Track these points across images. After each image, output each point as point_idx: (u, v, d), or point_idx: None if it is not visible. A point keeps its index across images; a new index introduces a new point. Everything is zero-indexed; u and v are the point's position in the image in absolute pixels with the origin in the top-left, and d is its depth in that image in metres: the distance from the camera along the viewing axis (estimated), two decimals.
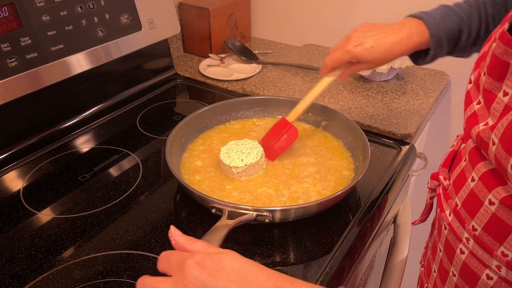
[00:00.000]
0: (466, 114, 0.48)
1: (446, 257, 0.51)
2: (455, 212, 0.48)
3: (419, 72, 1.05)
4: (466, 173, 0.48)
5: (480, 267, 0.45)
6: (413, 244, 0.83)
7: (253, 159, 0.68)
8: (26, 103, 0.76)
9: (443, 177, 0.54)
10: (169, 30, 1.00)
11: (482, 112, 0.45)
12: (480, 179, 0.44)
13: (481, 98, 0.45)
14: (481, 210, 0.44)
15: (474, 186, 0.45)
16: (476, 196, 0.45)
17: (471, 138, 0.47)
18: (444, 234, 0.51)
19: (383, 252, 0.83)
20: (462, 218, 0.47)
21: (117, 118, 0.91)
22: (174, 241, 0.42)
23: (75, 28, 0.79)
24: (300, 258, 0.58)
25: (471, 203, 0.46)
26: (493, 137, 0.40)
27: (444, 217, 0.50)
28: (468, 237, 0.46)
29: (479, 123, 0.44)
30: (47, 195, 0.69)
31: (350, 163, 0.72)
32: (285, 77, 1.03)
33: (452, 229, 0.49)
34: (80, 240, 0.60)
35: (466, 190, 0.47)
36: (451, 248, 0.49)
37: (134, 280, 0.54)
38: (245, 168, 0.67)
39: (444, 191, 0.53)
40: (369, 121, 0.85)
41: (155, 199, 0.68)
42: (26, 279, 0.55)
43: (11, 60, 0.70)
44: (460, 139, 0.58)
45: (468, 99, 0.49)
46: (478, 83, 0.47)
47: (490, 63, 0.43)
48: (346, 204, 0.66)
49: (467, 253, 0.47)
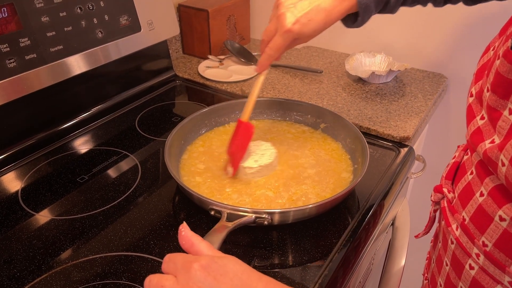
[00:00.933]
0: (470, 129, 0.47)
1: (454, 272, 0.50)
2: (462, 227, 0.48)
3: (418, 74, 1.05)
4: (473, 187, 0.47)
5: (491, 283, 0.45)
6: (412, 247, 0.83)
7: (267, 160, 0.68)
8: (25, 104, 0.76)
9: (447, 190, 0.53)
10: (168, 32, 1.00)
11: (487, 128, 0.44)
12: (489, 194, 0.44)
13: (484, 113, 0.45)
14: (492, 226, 0.43)
15: (482, 201, 0.44)
16: (485, 211, 0.44)
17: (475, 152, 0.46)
18: (451, 248, 0.50)
19: (382, 254, 0.83)
20: (471, 234, 0.46)
21: (116, 119, 0.90)
22: (183, 232, 0.42)
23: (74, 29, 0.79)
24: (298, 261, 0.58)
25: (480, 219, 0.45)
26: (502, 158, 0.39)
27: (451, 232, 0.50)
28: (478, 253, 0.45)
29: (484, 140, 0.43)
30: (46, 196, 0.69)
31: (349, 165, 0.73)
32: (284, 79, 1.03)
33: (460, 244, 0.48)
34: (79, 242, 0.60)
35: (474, 205, 0.46)
36: (459, 263, 0.49)
37: (132, 282, 0.54)
38: (259, 169, 0.67)
39: (449, 204, 0.52)
40: (368, 123, 0.85)
41: (153, 201, 0.68)
42: (24, 280, 0.54)
43: (10, 61, 0.70)
44: (462, 150, 0.57)
45: (471, 113, 0.48)
46: (480, 98, 0.46)
47: (495, 81, 0.42)
48: (345, 207, 0.66)
49: (477, 269, 0.46)
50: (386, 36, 1.10)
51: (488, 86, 0.43)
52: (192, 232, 0.42)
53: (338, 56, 1.15)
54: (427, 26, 1.04)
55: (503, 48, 0.41)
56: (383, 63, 1.05)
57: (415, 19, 1.05)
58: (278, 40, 0.62)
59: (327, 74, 1.05)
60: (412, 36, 1.07)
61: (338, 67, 1.09)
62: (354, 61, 1.05)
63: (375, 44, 1.12)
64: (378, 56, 1.06)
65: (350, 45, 1.16)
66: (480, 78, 0.48)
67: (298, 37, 0.62)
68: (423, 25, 1.04)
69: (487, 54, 0.49)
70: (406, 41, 1.08)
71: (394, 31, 1.09)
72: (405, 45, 1.09)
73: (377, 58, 1.05)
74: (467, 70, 1.03)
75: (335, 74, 1.06)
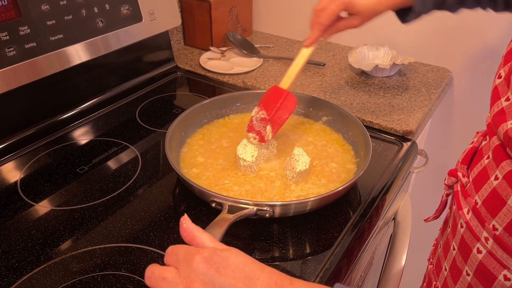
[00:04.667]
0: (493, 110, 0.46)
1: (461, 256, 0.50)
2: (474, 210, 0.47)
3: (422, 68, 1.04)
4: (488, 171, 0.46)
5: (498, 267, 0.44)
6: (413, 242, 0.83)
7: (302, 166, 0.65)
8: (24, 94, 0.75)
9: (461, 174, 0.53)
10: (170, 22, 0.99)
11: (510, 109, 0.43)
12: (504, 178, 0.43)
13: (510, 94, 0.44)
14: (504, 209, 0.43)
15: (497, 184, 0.44)
16: (499, 195, 0.43)
17: (496, 135, 0.46)
18: (460, 232, 0.50)
19: (383, 248, 0.83)
20: (482, 217, 0.46)
21: (116, 110, 0.90)
22: (185, 224, 0.41)
23: (74, 18, 0.78)
24: (300, 254, 0.57)
25: (493, 202, 0.44)
26: None
27: (462, 215, 0.49)
28: (488, 237, 0.45)
29: (507, 121, 0.43)
30: (45, 187, 0.68)
31: (351, 159, 0.72)
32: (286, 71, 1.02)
33: (470, 228, 0.48)
34: (78, 233, 0.60)
35: (488, 189, 0.45)
36: (467, 247, 0.48)
37: (132, 274, 0.53)
38: (251, 164, 0.67)
39: (463, 188, 0.51)
40: (371, 117, 0.84)
41: (154, 193, 0.67)
42: (22, 271, 0.54)
43: (9, 49, 0.69)
44: (481, 136, 0.56)
45: (496, 94, 0.47)
46: (509, 79, 0.45)
47: None
48: (346, 200, 0.66)
49: (485, 253, 0.46)
50: (390, 29, 1.09)
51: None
52: (194, 224, 0.41)
53: (341, 49, 1.14)
54: (432, 20, 1.03)
55: None
56: (387, 57, 1.04)
57: None
58: (332, 6, 0.62)
59: (330, 67, 1.04)
60: (416, 29, 1.06)
61: (341, 60, 1.08)
62: (358, 54, 1.04)
63: (379, 37, 1.10)
64: (381, 49, 1.05)
65: (353, 38, 1.15)
66: (510, 60, 0.47)
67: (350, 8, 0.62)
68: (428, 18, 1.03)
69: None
70: (410, 34, 1.07)
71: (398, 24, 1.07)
72: (409, 38, 1.07)
73: (381, 51, 1.04)
74: (472, 64, 1.02)
75: (338, 67, 1.05)
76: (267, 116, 0.69)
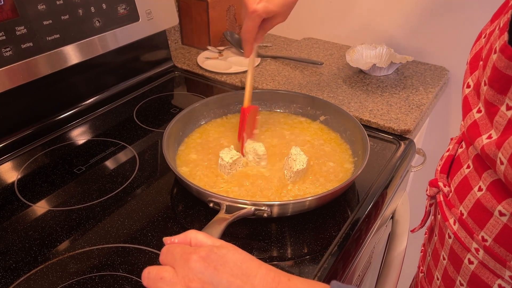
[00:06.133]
0: (466, 122, 0.46)
1: (452, 266, 0.49)
2: (460, 221, 0.47)
3: (419, 67, 1.04)
4: (470, 181, 0.46)
5: (491, 277, 0.44)
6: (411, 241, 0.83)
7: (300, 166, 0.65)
8: (21, 94, 0.75)
9: (442, 184, 0.52)
10: (167, 22, 0.98)
11: (483, 122, 0.43)
12: (488, 189, 0.43)
13: (482, 107, 0.44)
14: (491, 221, 0.42)
15: (481, 196, 0.44)
16: (484, 206, 0.43)
17: (472, 145, 0.45)
18: (449, 242, 0.50)
19: (381, 247, 0.83)
20: (469, 228, 0.46)
21: (113, 110, 0.89)
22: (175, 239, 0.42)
23: (71, 18, 0.77)
24: (298, 253, 0.57)
25: (479, 213, 0.44)
26: (500, 157, 0.39)
27: (448, 226, 0.49)
28: (478, 248, 0.45)
29: (481, 135, 0.42)
30: (42, 187, 0.68)
31: (349, 158, 0.72)
32: (284, 71, 1.02)
33: (459, 239, 0.47)
34: (75, 233, 0.60)
35: (472, 200, 0.45)
36: (458, 257, 0.48)
37: (130, 274, 0.53)
38: (225, 164, 0.66)
39: (445, 198, 0.51)
40: (369, 116, 0.84)
41: (151, 193, 0.67)
42: (19, 272, 0.54)
43: (6, 49, 0.69)
44: (456, 143, 0.56)
45: (467, 105, 0.47)
46: (478, 90, 0.45)
47: (492, 76, 0.41)
48: (344, 199, 0.66)
49: (477, 263, 0.45)
50: (388, 28, 1.09)
51: (486, 80, 0.42)
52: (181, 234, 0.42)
53: (339, 48, 1.14)
54: (429, 18, 1.03)
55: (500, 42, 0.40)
56: (385, 56, 1.04)
57: (416, 11, 1.03)
58: (247, 23, 0.64)
59: (328, 66, 1.04)
60: (413, 28, 1.06)
61: (339, 59, 1.08)
62: (355, 53, 1.04)
63: (377, 36, 1.10)
64: (379, 48, 1.05)
65: (351, 37, 1.15)
66: (475, 68, 0.47)
67: (266, 15, 0.63)
68: (425, 17, 1.03)
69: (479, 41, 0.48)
70: (407, 33, 1.07)
71: (396, 23, 1.07)
72: (407, 37, 1.07)
73: (378, 50, 1.04)
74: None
75: (336, 66, 1.05)
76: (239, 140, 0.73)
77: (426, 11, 1.03)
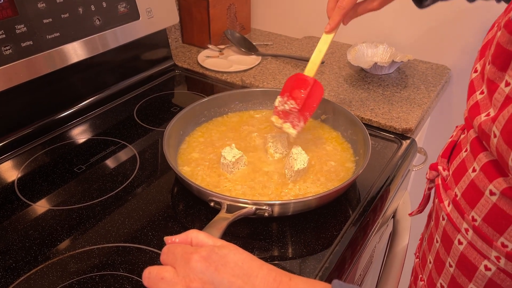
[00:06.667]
0: (469, 103, 0.47)
1: (443, 248, 0.50)
2: (454, 202, 0.48)
3: (421, 66, 1.04)
4: (466, 164, 0.47)
5: (478, 258, 0.45)
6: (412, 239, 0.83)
7: (300, 165, 0.65)
8: (21, 92, 0.75)
9: (442, 168, 0.53)
10: (168, 20, 0.98)
11: (484, 102, 0.44)
12: (481, 169, 0.44)
13: (484, 88, 0.44)
14: (482, 200, 0.43)
15: (474, 176, 0.45)
16: (477, 186, 0.44)
17: (472, 128, 0.46)
18: (442, 224, 0.51)
19: (382, 247, 0.83)
20: (461, 209, 0.46)
21: (114, 109, 0.89)
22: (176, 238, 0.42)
23: (71, 16, 0.77)
24: (299, 253, 0.57)
25: (471, 194, 0.45)
26: (494, 130, 0.40)
27: (443, 208, 0.50)
28: (467, 228, 0.45)
29: (480, 114, 0.43)
30: (42, 186, 0.68)
31: (350, 157, 0.72)
32: (285, 69, 1.02)
33: (451, 220, 0.48)
34: (76, 232, 0.59)
35: (467, 181, 0.46)
36: (449, 238, 0.49)
37: (130, 274, 0.53)
38: (228, 163, 0.66)
39: (443, 181, 0.52)
40: (370, 114, 0.84)
41: (152, 192, 0.67)
42: (20, 271, 0.54)
43: (5, 48, 0.69)
44: (460, 130, 0.57)
45: (471, 88, 0.48)
46: (483, 72, 0.46)
47: (495, 52, 0.42)
48: (346, 199, 0.65)
49: (466, 244, 0.46)
50: (389, 27, 1.09)
51: (490, 59, 0.43)
52: (182, 233, 0.41)
53: (340, 47, 1.14)
54: (431, 17, 1.03)
55: (505, 19, 0.41)
56: (386, 54, 1.03)
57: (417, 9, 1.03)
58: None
59: (329, 65, 1.04)
60: (415, 26, 1.06)
61: (340, 58, 1.07)
62: (356, 51, 1.03)
63: (378, 34, 1.10)
64: (380, 46, 1.04)
65: (352, 36, 1.15)
66: (484, 55, 0.48)
67: None
68: (426, 15, 1.02)
69: (492, 31, 0.49)
70: (409, 32, 1.06)
71: (397, 21, 1.07)
72: (408, 36, 1.07)
73: (380, 49, 1.04)
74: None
75: (337, 64, 1.04)
76: (297, 106, 0.67)
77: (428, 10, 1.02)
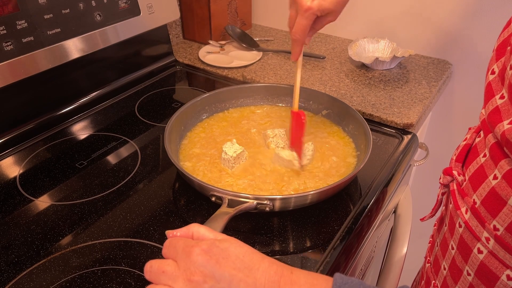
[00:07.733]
0: (488, 108, 0.45)
1: (460, 256, 0.49)
2: (473, 210, 0.47)
3: (422, 61, 1.03)
4: (486, 170, 0.46)
5: (500, 267, 0.44)
6: (413, 235, 0.83)
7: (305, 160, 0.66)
8: (22, 88, 0.75)
9: (457, 172, 0.52)
10: (169, 16, 0.98)
11: (506, 108, 0.42)
12: (503, 177, 0.42)
13: (505, 92, 0.43)
14: (504, 209, 0.42)
15: (496, 184, 0.43)
16: (498, 194, 0.43)
17: (491, 132, 0.45)
18: (459, 232, 0.49)
19: (383, 242, 0.83)
20: (481, 217, 0.45)
21: (115, 104, 0.89)
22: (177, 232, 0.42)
23: (72, 12, 0.77)
24: (300, 247, 0.57)
25: (493, 202, 0.44)
26: None
27: (460, 215, 0.49)
28: (488, 237, 0.44)
29: (503, 121, 0.42)
30: (44, 182, 0.68)
31: (352, 152, 0.72)
32: (286, 65, 1.02)
33: (469, 228, 0.47)
34: (78, 228, 0.60)
35: (487, 188, 0.45)
36: (467, 247, 0.48)
37: (132, 268, 0.53)
38: (229, 158, 0.66)
39: (459, 187, 0.51)
40: (371, 109, 0.84)
41: (153, 187, 0.67)
42: (22, 266, 0.54)
43: (7, 43, 0.69)
44: (474, 132, 0.55)
45: (490, 91, 0.46)
46: (503, 76, 0.44)
47: None
48: (347, 194, 0.65)
49: (486, 253, 0.45)
50: (390, 22, 1.08)
51: (511, 63, 0.42)
52: (183, 227, 0.41)
53: (341, 42, 1.14)
54: (432, 11, 1.02)
55: None
56: (387, 49, 1.03)
57: (419, 4, 1.03)
58: (301, 21, 0.61)
59: (330, 60, 1.04)
60: (416, 21, 1.05)
61: (341, 53, 1.07)
62: (358, 47, 1.03)
63: (379, 30, 1.10)
64: (381, 42, 1.04)
65: (353, 31, 1.14)
66: (502, 55, 0.46)
67: (320, 13, 0.61)
68: (428, 10, 1.02)
69: (508, 29, 0.47)
70: (410, 27, 1.06)
71: (398, 16, 1.07)
72: (410, 31, 1.07)
73: (381, 44, 1.04)
74: (473, 57, 1.01)
75: (338, 60, 1.04)
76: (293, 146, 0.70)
77: (429, 5, 1.02)
